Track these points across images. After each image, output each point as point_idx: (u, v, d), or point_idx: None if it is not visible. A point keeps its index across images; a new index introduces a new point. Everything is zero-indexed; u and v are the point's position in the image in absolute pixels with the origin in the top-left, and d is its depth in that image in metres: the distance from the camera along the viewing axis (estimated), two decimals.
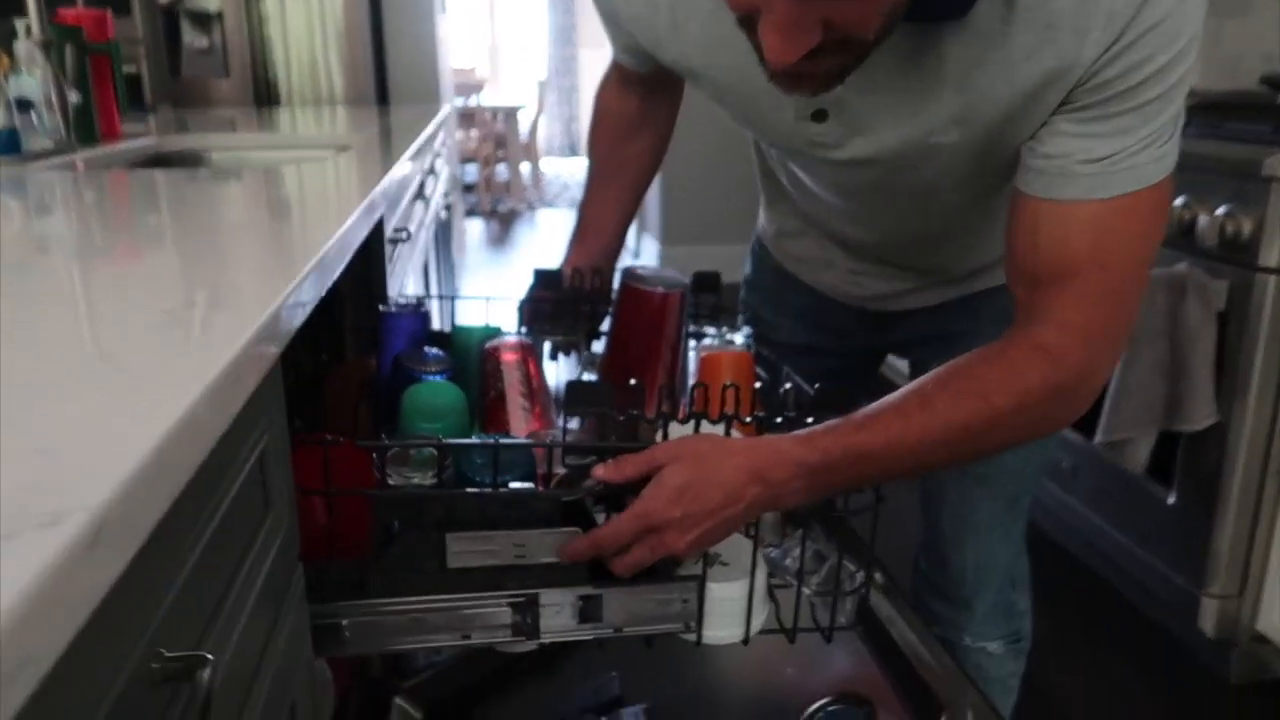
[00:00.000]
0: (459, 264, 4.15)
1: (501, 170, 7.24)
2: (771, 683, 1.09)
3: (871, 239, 1.07)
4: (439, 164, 2.57)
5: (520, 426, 0.98)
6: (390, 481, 0.78)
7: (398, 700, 1.26)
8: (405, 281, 1.62)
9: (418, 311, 1.16)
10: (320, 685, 1.15)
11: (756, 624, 0.87)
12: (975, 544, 1.15)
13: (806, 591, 0.88)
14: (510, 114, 6.95)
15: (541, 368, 1.09)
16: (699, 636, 0.84)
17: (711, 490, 0.73)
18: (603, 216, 1.24)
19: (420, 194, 1.94)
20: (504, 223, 6.58)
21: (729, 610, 0.85)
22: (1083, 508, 2.11)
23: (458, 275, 3.93)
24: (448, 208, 2.89)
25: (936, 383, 0.78)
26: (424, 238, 2.04)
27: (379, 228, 1.27)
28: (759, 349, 1.14)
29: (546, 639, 0.80)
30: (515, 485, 0.80)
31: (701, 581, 0.82)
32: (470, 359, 1.08)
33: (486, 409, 1.02)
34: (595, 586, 0.79)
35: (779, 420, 0.83)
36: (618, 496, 0.76)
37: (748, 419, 0.83)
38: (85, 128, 1.68)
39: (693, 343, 1.14)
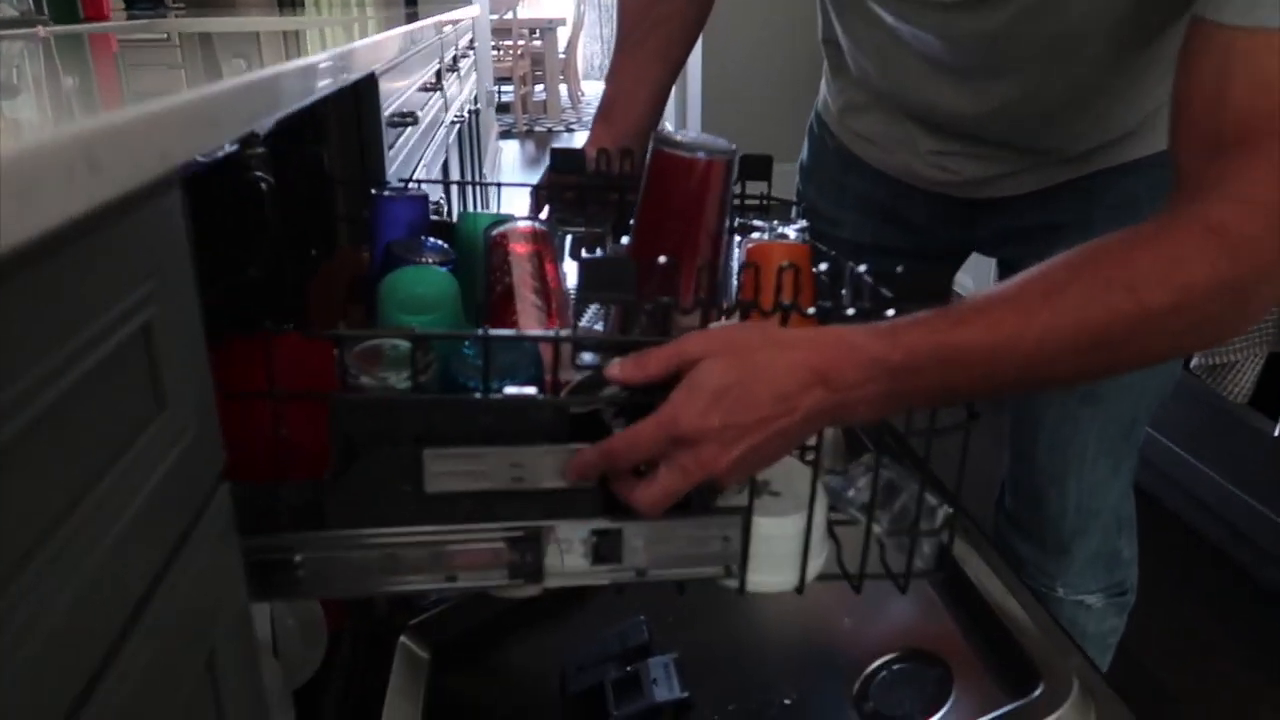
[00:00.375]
0: (490, 180, 3.95)
1: (539, 91, 6.99)
2: (825, 634, 0.93)
3: (974, 110, 0.87)
4: (463, 64, 2.37)
5: (532, 325, 0.81)
6: (354, 384, 0.61)
7: (403, 639, 1.13)
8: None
9: (417, 196, 0.98)
10: (308, 626, 1.02)
11: (814, 568, 0.70)
12: (1078, 477, 0.97)
13: (876, 529, 0.71)
14: (548, 29, 6.68)
15: (560, 266, 0.91)
16: (742, 582, 0.67)
17: (760, 393, 0.56)
18: (633, 88, 1.04)
19: (438, 86, 1.75)
20: (540, 144, 6.35)
21: (780, 551, 0.68)
22: (1170, 442, 1.91)
23: (491, 198, 3.73)
24: (474, 112, 2.69)
25: (1068, 269, 0.59)
26: (442, 135, 1.85)
27: (374, 104, 1.09)
28: (819, 246, 0.95)
29: (552, 583, 0.64)
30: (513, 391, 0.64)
31: (747, 515, 0.65)
32: (477, 254, 0.91)
33: (491, 308, 0.85)
34: (613, 519, 0.63)
35: (850, 312, 0.65)
36: (644, 407, 0.59)
37: (810, 310, 0.65)
38: (63, 4, 1.51)
39: (737, 239, 0.95)
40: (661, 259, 0.64)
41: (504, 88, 6.75)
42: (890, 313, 0.62)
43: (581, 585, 0.64)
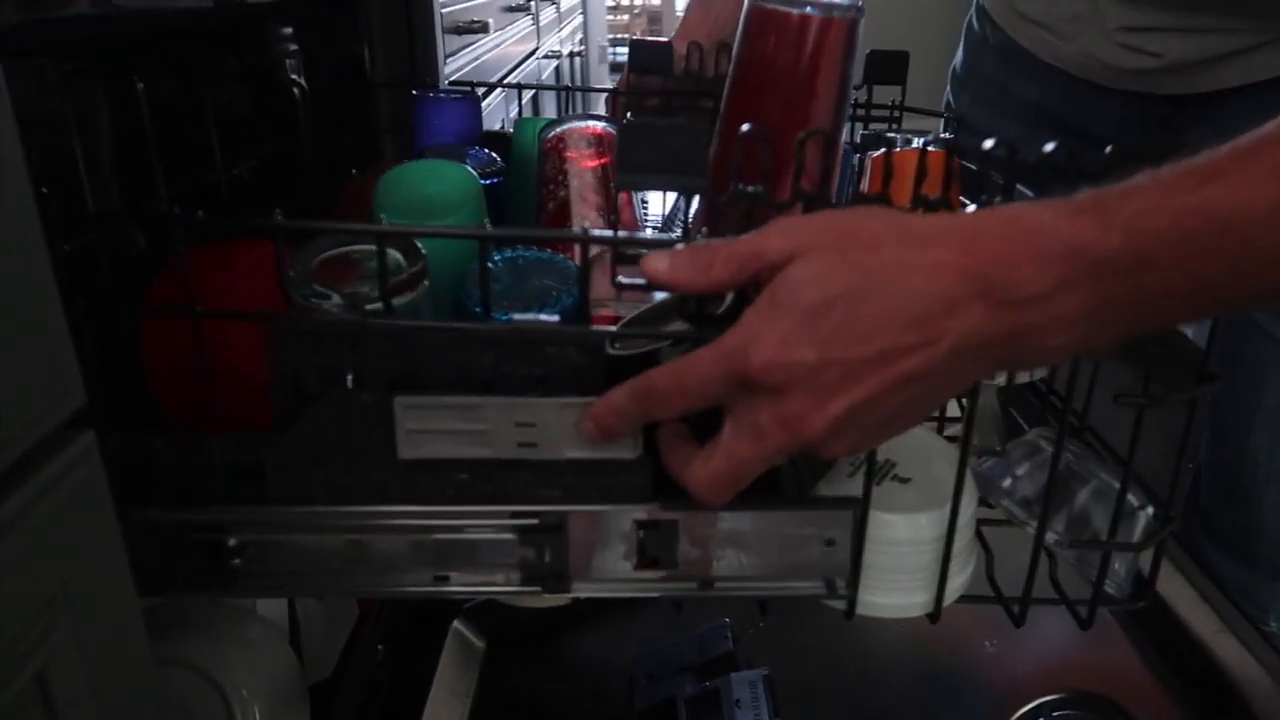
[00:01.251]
0: None
1: None
2: (960, 660, 0.73)
3: None
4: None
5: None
6: (308, 303, 0.44)
7: (456, 624, 0.98)
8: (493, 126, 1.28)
9: (466, 98, 0.81)
10: (334, 608, 0.87)
11: (955, 587, 0.50)
12: None
13: (1051, 538, 0.50)
14: None
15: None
16: (852, 603, 0.48)
17: (881, 312, 0.35)
18: None
19: (526, 9, 1.58)
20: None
21: (908, 562, 0.48)
22: None
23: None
24: (576, 54, 2.51)
25: None
26: (531, 69, 1.68)
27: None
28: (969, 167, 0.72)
29: (581, 591, 0.46)
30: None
31: (862, 508, 0.45)
32: (533, 168, 0.73)
33: (540, 227, 0.67)
34: (665, 505, 0.44)
35: None
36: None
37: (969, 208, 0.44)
38: None
39: (856, 157, 0.74)
40: (745, 128, 0.44)
41: (619, 49, 6.57)
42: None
43: (620, 597, 0.46)
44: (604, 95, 0.87)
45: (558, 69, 2.10)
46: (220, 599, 0.68)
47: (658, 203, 0.87)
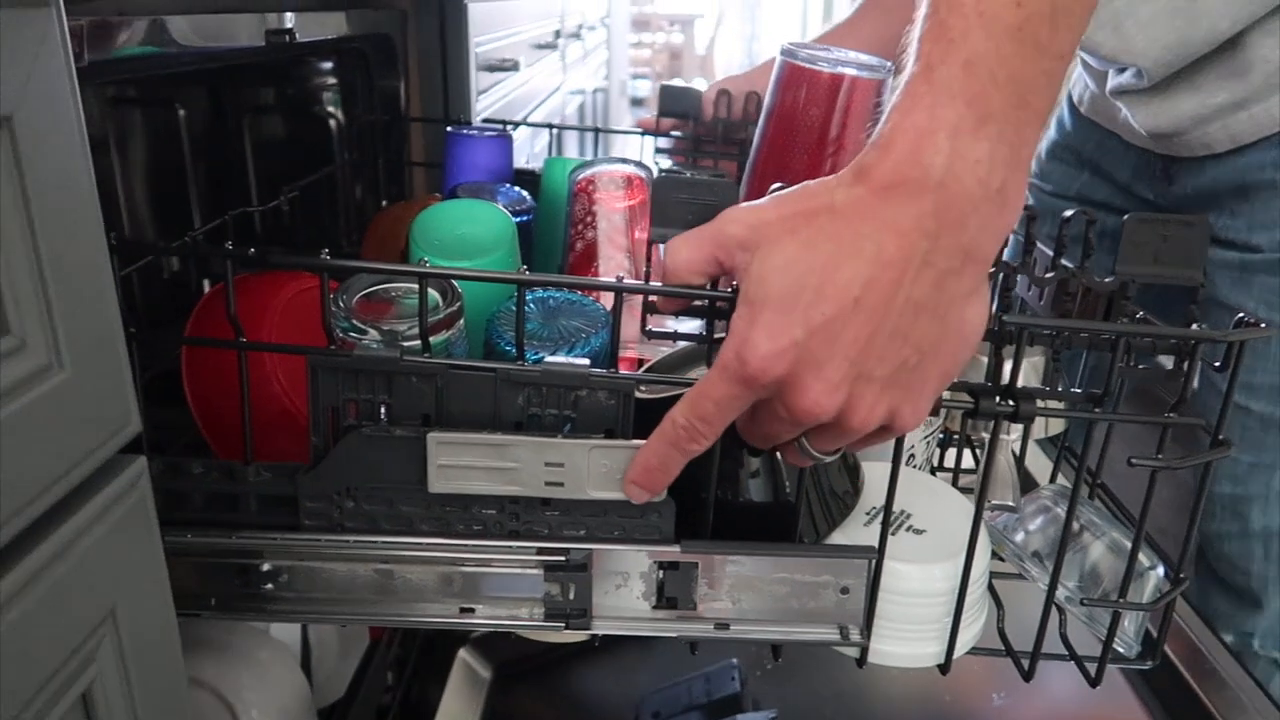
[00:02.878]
0: None
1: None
2: (967, 711, 0.73)
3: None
4: (590, 37, 2.23)
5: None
6: (348, 338, 0.45)
7: (463, 654, 0.99)
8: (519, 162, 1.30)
9: (498, 136, 0.83)
10: (346, 634, 0.88)
11: (966, 639, 0.50)
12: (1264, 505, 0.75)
13: (1063, 594, 0.50)
14: (687, 24, 6.54)
15: None
16: (864, 652, 0.49)
17: (837, 266, 0.37)
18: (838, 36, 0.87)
19: (554, 45, 1.61)
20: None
21: (921, 613, 0.49)
22: None
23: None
24: (600, 91, 2.55)
25: None
26: (556, 103, 1.71)
27: (461, 35, 0.95)
28: None
29: (600, 630, 0.47)
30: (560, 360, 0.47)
31: (876, 557, 0.46)
32: (563, 206, 0.75)
33: (570, 269, 0.69)
34: (686, 549, 0.45)
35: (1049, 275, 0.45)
36: None
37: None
38: None
39: None
40: (774, 188, 0.46)
41: (640, 82, 6.64)
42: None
43: (638, 635, 0.47)
44: (629, 134, 0.89)
45: (581, 106, 2.13)
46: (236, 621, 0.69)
47: None
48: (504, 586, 0.46)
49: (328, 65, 0.92)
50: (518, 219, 0.71)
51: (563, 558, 0.45)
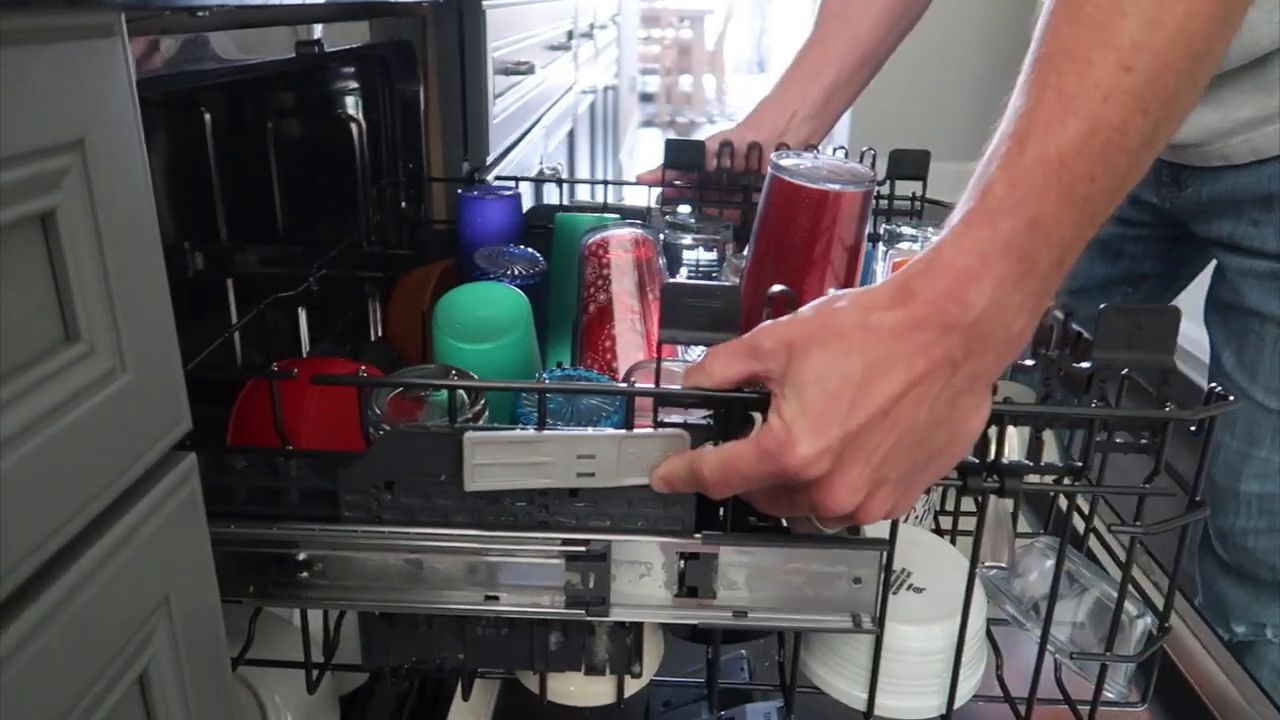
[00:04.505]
0: (627, 167, 3.85)
1: (684, 82, 6.85)
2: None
3: None
4: (601, 36, 2.25)
5: (630, 357, 0.67)
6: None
7: None
8: (534, 164, 1.32)
9: (507, 196, 0.86)
10: None
11: (966, 690, 0.54)
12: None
13: (1054, 646, 0.54)
14: (697, 19, 6.54)
15: (669, 280, 0.76)
16: (870, 707, 0.53)
17: (868, 378, 0.40)
18: (796, 88, 0.90)
19: (567, 47, 1.63)
20: (682, 134, 6.22)
21: (923, 669, 0.53)
22: None
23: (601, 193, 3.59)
24: (611, 89, 2.57)
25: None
26: (569, 103, 1.73)
27: (479, 38, 0.97)
28: None
29: (621, 616, 0.49)
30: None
31: (887, 550, 0.48)
32: (575, 258, 0.78)
33: (586, 329, 0.71)
34: (707, 539, 0.47)
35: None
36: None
37: None
38: None
39: (881, 249, 0.79)
40: (774, 289, 0.49)
41: (649, 78, 6.65)
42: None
43: (659, 622, 0.49)
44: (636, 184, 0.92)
45: (592, 105, 2.15)
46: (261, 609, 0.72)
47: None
48: (527, 575, 0.48)
49: (350, 70, 0.94)
50: (531, 281, 0.76)
51: (583, 548, 0.48)
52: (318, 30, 0.63)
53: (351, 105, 0.96)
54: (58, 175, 0.30)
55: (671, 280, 0.51)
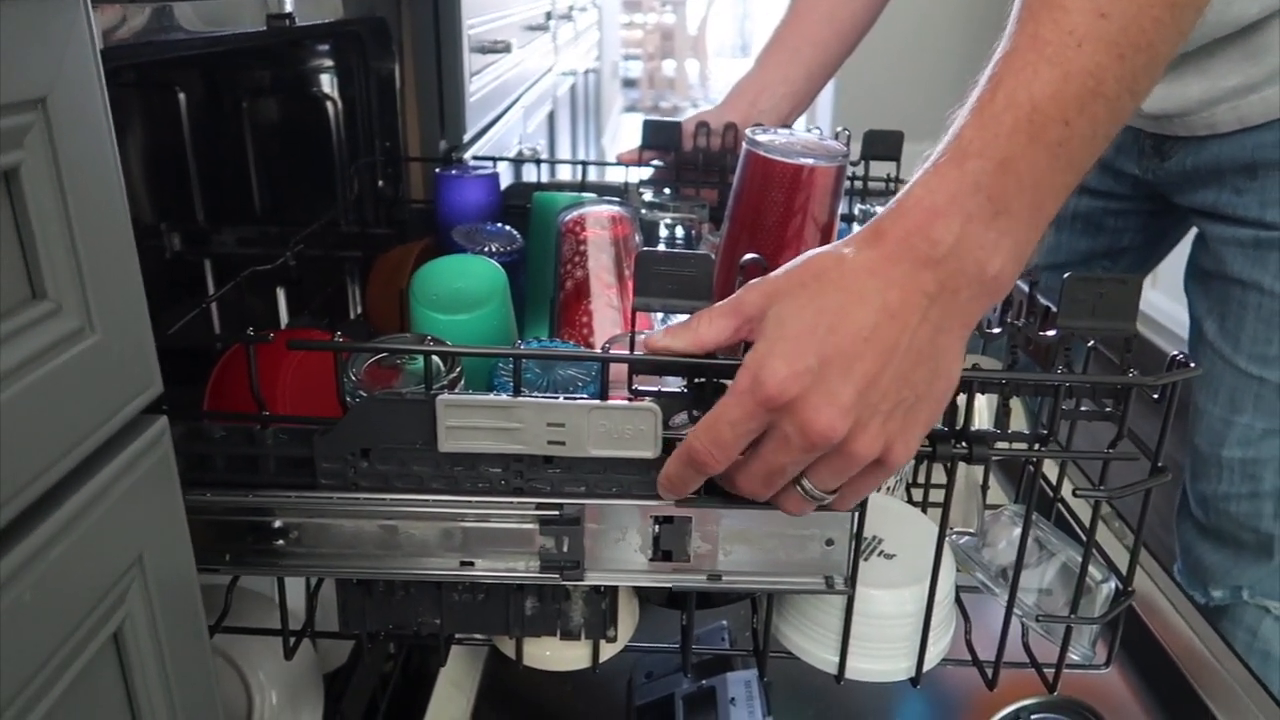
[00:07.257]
0: (609, 152, 3.84)
1: (667, 67, 6.84)
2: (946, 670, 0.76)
3: None
4: (581, 19, 2.24)
5: (607, 332, 0.67)
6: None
7: None
8: (513, 145, 1.32)
9: (484, 175, 0.86)
10: None
11: (935, 653, 0.55)
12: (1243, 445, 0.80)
13: (1020, 610, 0.54)
14: (679, 4, 6.52)
15: None
16: (841, 670, 0.54)
17: (848, 312, 0.41)
18: (774, 68, 0.91)
19: (545, 27, 1.62)
20: None
21: (893, 632, 0.54)
22: None
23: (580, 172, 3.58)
24: (592, 72, 2.57)
25: None
26: (549, 84, 1.73)
27: (454, 14, 0.96)
28: None
29: (596, 580, 0.50)
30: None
31: (859, 511, 0.49)
32: (552, 237, 0.78)
33: (562, 306, 0.71)
34: (679, 503, 0.48)
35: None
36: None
37: None
38: None
39: (855, 228, 0.79)
40: (747, 257, 0.50)
41: (632, 63, 6.63)
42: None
43: (635, 586, 0.50)
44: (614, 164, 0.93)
45: (573, 88, 2.15)
46: (241, 587, 0.72)
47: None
48: (502, 540, 0.49)
49: (324, 48, 0.94)
50: (508, 258, 0.76)
51: (557, 512, 0.48)
52: (289, 3, 0.62)
53: (327, 83, 0.95)
54: (19, 132, 0.30)
55: (645, 248, 0.51)
